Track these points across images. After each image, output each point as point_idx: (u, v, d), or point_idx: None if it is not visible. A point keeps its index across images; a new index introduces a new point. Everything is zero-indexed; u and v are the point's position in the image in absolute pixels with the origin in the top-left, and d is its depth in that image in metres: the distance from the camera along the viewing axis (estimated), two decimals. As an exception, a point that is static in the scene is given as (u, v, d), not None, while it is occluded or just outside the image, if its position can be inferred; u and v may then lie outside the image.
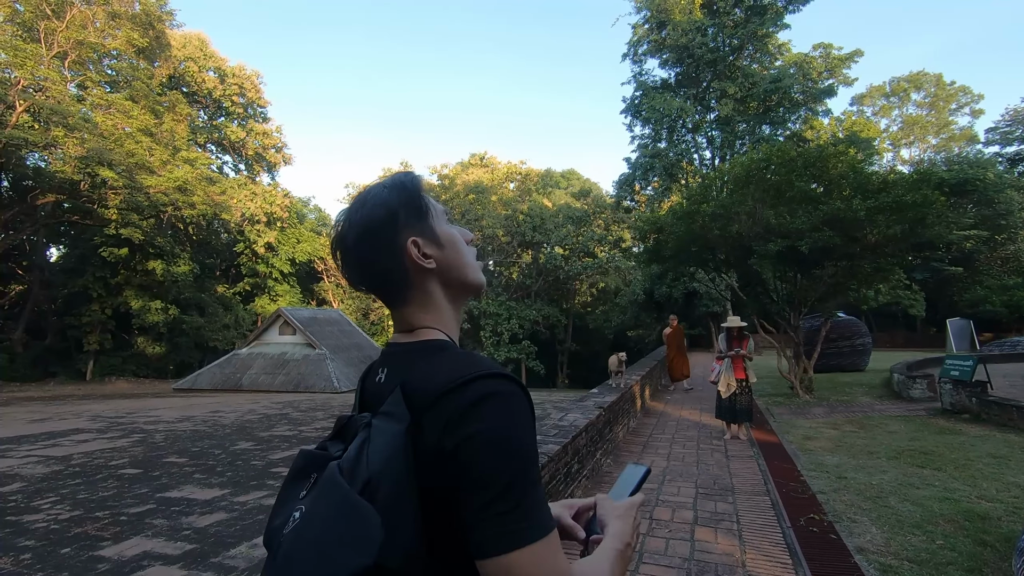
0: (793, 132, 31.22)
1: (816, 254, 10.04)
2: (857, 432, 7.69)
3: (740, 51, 32.23)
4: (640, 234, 13.97)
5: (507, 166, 41.47)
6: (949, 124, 45.08)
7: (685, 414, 9.79)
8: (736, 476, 5.70)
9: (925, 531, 4.06)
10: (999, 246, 29.55)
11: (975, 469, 5.61)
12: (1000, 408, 7.84)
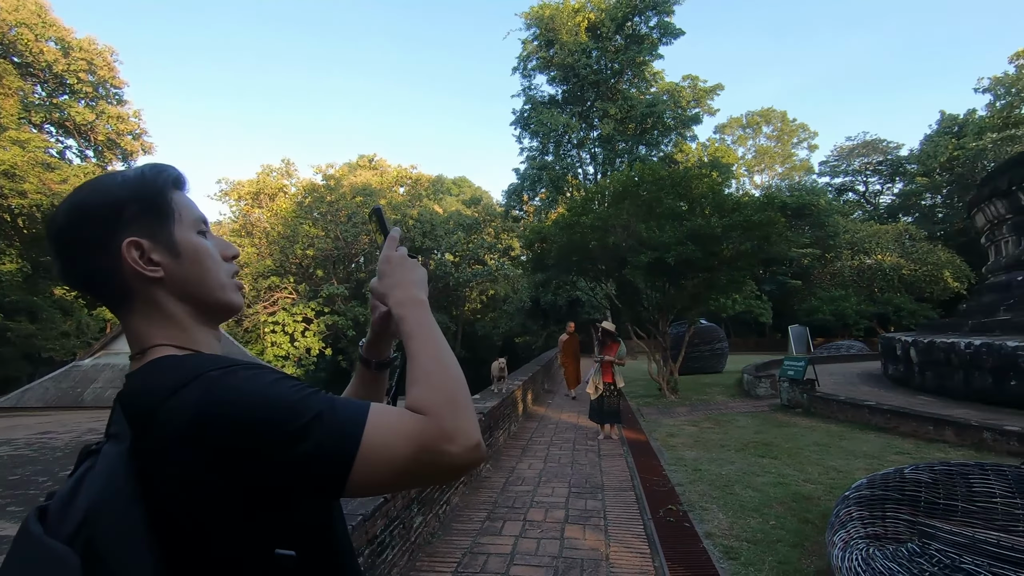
0: (666, 154, 33.97)
1: (681, 266, 10.97)
2: (713, 428, 8.48)
3: (621, 75, 34.50)
4: (527, 243, 14.39)
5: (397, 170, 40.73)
6: (791, 156, 51.71)
7: (565, 417, 10.18)
8: (606, 474, 6.02)
9: (762, 514, 4.57)
10: (828, 263, 34.31)
11: (803, 456, 6.42)
12: (824, 403, 9.08)
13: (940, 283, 30.69)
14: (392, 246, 0.91)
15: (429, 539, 4.10)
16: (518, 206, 36.83)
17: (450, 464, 0.66)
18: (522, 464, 6.54)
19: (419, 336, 0.77)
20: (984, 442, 6.32)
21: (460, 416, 0.68)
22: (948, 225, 36.95)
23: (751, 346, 35.55)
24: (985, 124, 37.28)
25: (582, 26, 33.75)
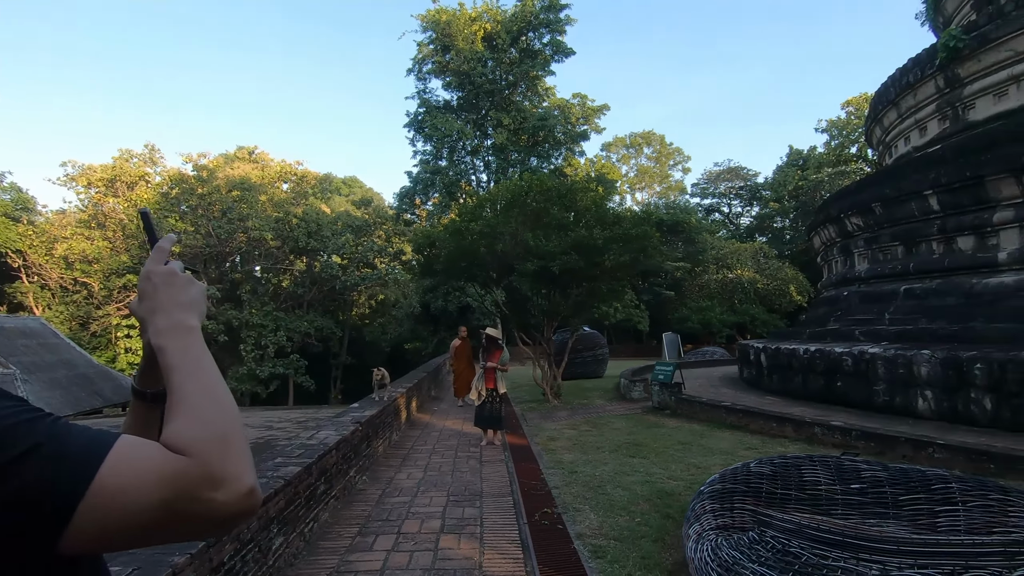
0: (557, 167, 35.24)
1: (566, 275, 11.36)
2: (591, 431, 8.84)
3: (515, 87, 35.31)
4: (417, 247, 14.14)
5: (281, 165, 38.22)
6: (668, 176, 56.09)
7: (450, 424, 10.07)
8: (486, 480, 6.01)
9: (629, 511, 4.80)
10: (697, 276, 37.53)
11: (669, 455, 6.88)
12: (689, 404, 9.84)
13: (787, 296, 34.81)
14: (158, 259, 0.75)
15: (291, 561, 3.80)
16: (410, 210, 36.23)
17: (215, 514, 0.55)
18: (401, 474, 6.34)
19: (183, 368, 0.64)
20: (815, 436, 7.19)
21: (231, 457, 0.57)
22: (794, 245, 42.05)
23: (630, 352, 37.83)
24: (823, 159, 43.09)
25: (478, 35, 34.11)
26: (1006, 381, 6.95)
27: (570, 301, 12.45)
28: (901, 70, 11.83)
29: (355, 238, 34.24)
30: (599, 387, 15.03)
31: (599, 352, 19.13)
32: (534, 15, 33.68)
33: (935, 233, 9.51)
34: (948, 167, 9.09)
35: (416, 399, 11.22)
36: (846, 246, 11.91)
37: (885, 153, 13.49)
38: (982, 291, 8.59)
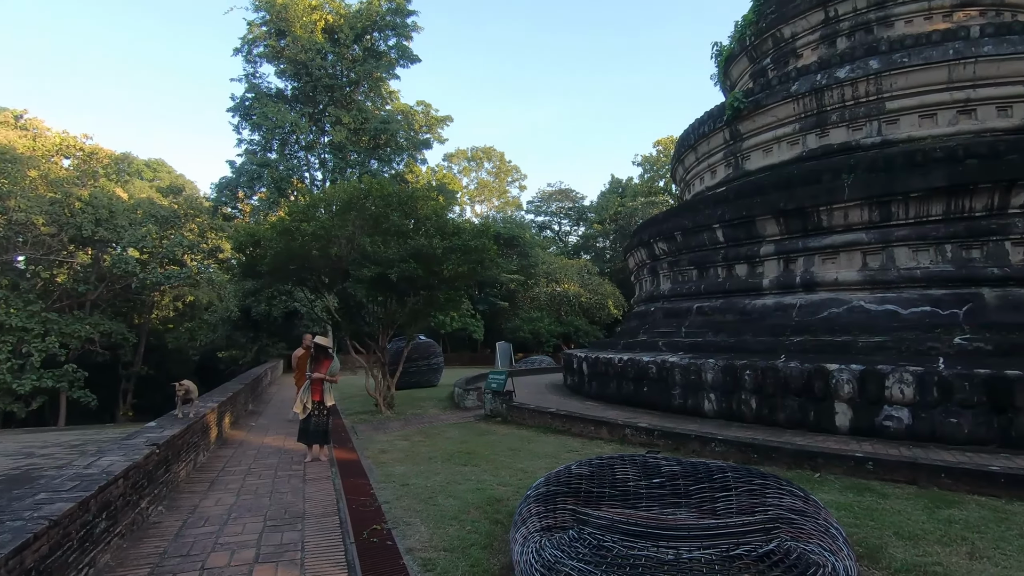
0: (398, 172, 34.69)
1: (404, 283, 11.19)
2: (424, 441, 8.77)
3: (357, 86, 34.06)
4: (239, 245, 12.76)
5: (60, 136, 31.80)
6: (506, 192, 58.63)
7: (269, 441, 9.23)
8: (310, 500, 5.62)
9: (460, 521, 4.84)
10: (529, 288, 39.72)
11: (499, 461, 7.12)
12: (519, 411, 10.32)
13: (606, 309, 38.50)
14: None
15: (55, 618, 3.13)
16: (232, 203, 32.72)
17: None
18: (208, 500, 5.62)
19: None
20: (627, 437, 8.02)
21: None
22: (613, 264, 46.74)
23: (465, 360, 38.48)
24: (638, 190, 48.72)
25: (319, 25, 32.31)
26: (765, 384, 8.49)
27: (407, 309, 12.29)
28: (699, 120, 13.91)
29: (160, 230, 29.80)
30: (433, 396, 15.02)
31: (434, 361, 19.15)
32: (380, 15, 32.94)
33: (720, 260, 11.30)
34: (730, 206, 10.89)
35: (230, 415, 10.09)
36: (654, 268, 13.57)
37: (686, 189, 15.70)
38: (751, 310, 10.41)
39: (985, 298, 8.19)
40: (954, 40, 10.03)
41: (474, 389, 13.02)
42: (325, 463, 7.34)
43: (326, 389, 7.57)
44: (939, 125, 10.24)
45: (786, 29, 13.14)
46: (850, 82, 10.70)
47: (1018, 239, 8.33)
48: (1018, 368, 6.74)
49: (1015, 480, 5.19)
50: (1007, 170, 8.15)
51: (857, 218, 9.30)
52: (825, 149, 11.21)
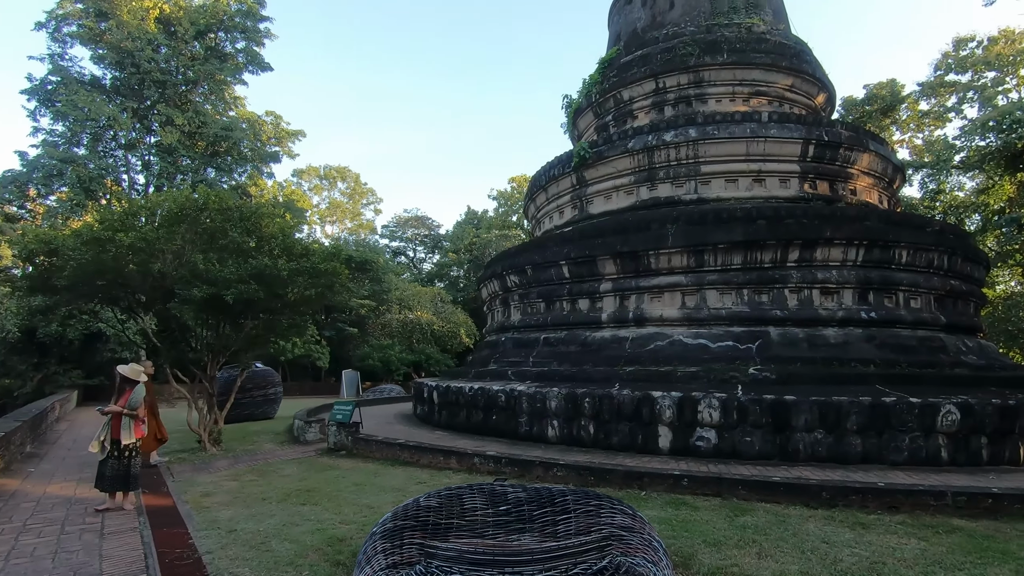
0: (239, 184, 31.91)
1: (241, 305, 10.24)
2: (256, 480, 7.99)
3: (195, 85, 30.98)
4: (26, 253, 10.64)
5: None
6: (360, 215, 56.92)
7: (55, 489, 7.70)
8: (109, 559, 4.79)
9: (296, 566, 4.49)
10: (381, 315, 38.64)
11: (342, 498, 6.75)
12: (365, 443, 9.91)
13: (458, 338, 38.80)
14: None
15: None
16: (17, 201, 27.33)
17: None
18: (-38, 570, 4.52)
19: None
20: (475, 466, 8.11)
21: None
22: (466, 293, 47.48)
23: (307, 390, 35.92)
24: (492, 222, 50.47)
25: (152, 14, 28.97)
26: (602, 411, 9.22)
27: (243, 334, 11.23)
28: (550, 164, 14.98)
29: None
30: (269, 430, 13.79)
31: (271, 391, 17.63)
32: (227, 15, 30.54)
33: (566, 295, 12.13)
34: (575, 246, 11.82)
35: (1, 460, 8.25)
36: (506, 299, 14.10)
37: (537, 226, 16.68)
38: (592, 342, 11.29)
39: (771, 335, 9.86)
40: (751, 121, 12.16)
41: (317, 421, 12.23)
42: (131, 512, 6.33)
43: (126, 425, 6.57)
44: (740, 189, 12.26)
45: (625, 92, 14.83)
46: (674, 145, 12.38)
47: (794, 287, 10.20)
48: (793, 394, 8.19)
49: (791, 488, 6.25)
50: (785, 231, 10.02)
51: (678, 263, 10.67)
52: (655, 201, 12.75)
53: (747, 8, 14.44)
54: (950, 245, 10.82)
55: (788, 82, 14.00)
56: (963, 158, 30.33)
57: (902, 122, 34.82)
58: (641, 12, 15.76)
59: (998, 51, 30.34)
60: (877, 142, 13.13)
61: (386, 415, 15.67)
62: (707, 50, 13.66)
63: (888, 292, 10.31)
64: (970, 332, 11.36)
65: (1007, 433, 7.95)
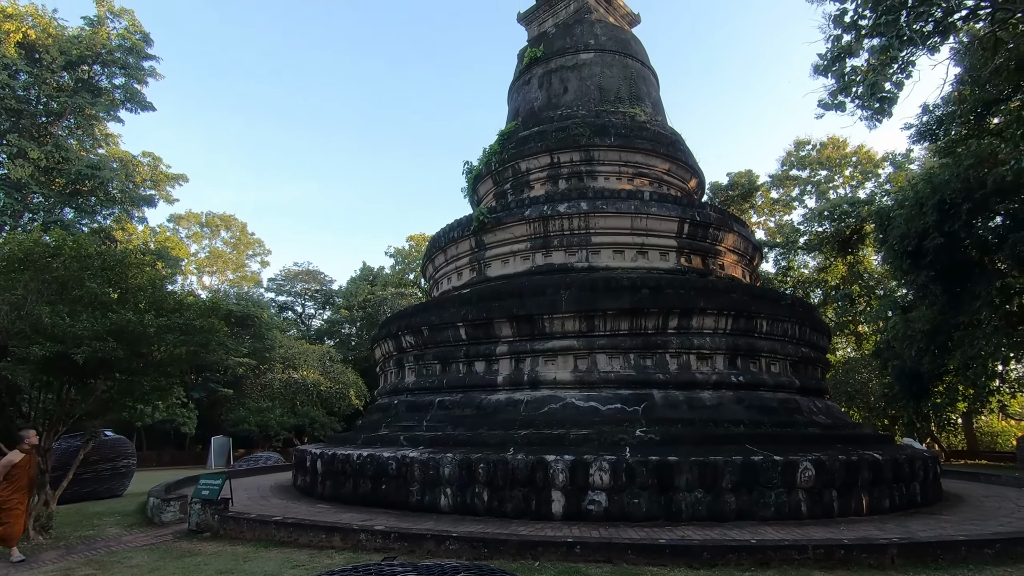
0: (102, 228, 28.83)
1: (94, 365, 9.00)
2: (94, 575, 6.79)
3: (59, 118, 28.14)
4: None
5: None
6: (244, 266, 53.40)
7: None
8: None
9: None
10: (262, 374, 35.75)
11: (203, 590, 5.91)
12: (235, 523, 8.86)
13: (347, 399, 36.75)
14: None
15: None
16: None
17: None
18: None
19: None
20: (361, 543, 7.53)
21: None
22: (358, 351, 45.53)
23: (168, 460, 31.81)
24: (388, 280, 49.64)
25: (14, 36, 26.26)
26: (496, 477, 9.08)
27: (93, 398, 9.82)
28: (450, 226, 15.23)
29: None
30: (117, 510, 11.90)
31: (122, 464, 15.36)
32: (106, 49, 28.49)
33: (462, 357, 12.07)
34: (473, 308, 11.93)
35: None
36: (400, 360, 13.73)
37: (434, 286, 16.66)
38: (487, 405, 11.23)
39: (655, 398, 10.44)
40: (635, 199, 13.33)
41: (177, 498, 10.77)
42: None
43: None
44: (626, 260, 13.21)
45: (523, 164, 15.69)
46: (568, 216, 13.17)
47: (674, 352, 10.99)
48: (676, 455, 8.65)
49: (675, 550, 6.48)
50: (666, 301, 10.88)
51: (571, 327, 11.11)
52: (549, 267, 13.33)
53: (630, 100, 16.14)
54: (800, 317, 12.35)
55: (666, 167, 15.63)
56: (806, 240, 35.26)
57: (758, 207, 39.99)
58: (539, 93, 17.01)
59: (828, 154, 36.30)
60: (740, 224, 14.91)
61: (261, 487, 14.21)
62: (597, 132, 14.95)
63: (753, 358, 11.44)
64: (819, 394, 12.83)
65: (852, 486, 8.93)
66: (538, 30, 19.53)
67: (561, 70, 16.84)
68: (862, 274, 34.23)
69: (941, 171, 18.67)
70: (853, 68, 14.61)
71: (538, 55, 17.34)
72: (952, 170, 17.79)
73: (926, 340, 20.77)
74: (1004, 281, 18.42)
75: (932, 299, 20.26)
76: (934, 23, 12.70)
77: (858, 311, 34.51)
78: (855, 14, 13.94)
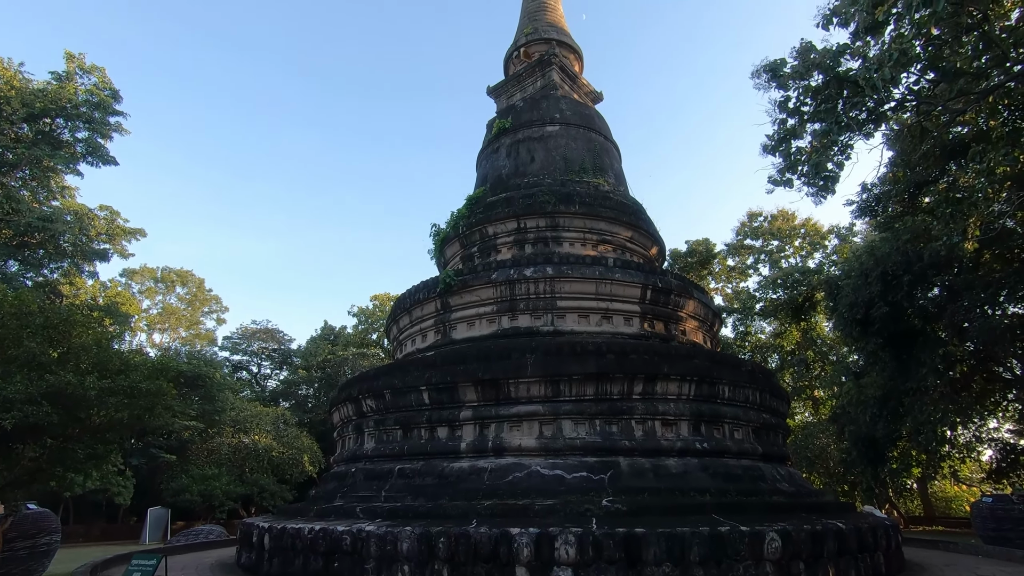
0: (48, 281, 27.57)
1: (23, 431, 8.35)
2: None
3: (13, 169, 27.40)
4: None
5: None
6: (199, 323, 51.51)
7: None
8: None
9: None
10: (209, 438, 33.71)
11: None
12: (169, 608, 8.05)
13: (300, 466, 34.83)
14: None
15: None
16: None
17: None
18: None
19: None
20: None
21: None
22: (314, 414, 43.69)
23: (97, 534, 29.10)
24: (350, 340, 48.57)
25: (-25, 89, 25.87)
26: (458, 552, 8.60)
27: (17, 468, 9.03)
28: (416, 288, 15.17)
29: None
30: (30, 596, 10.67)
31: (43, 541, 13.85)
32: (72, 103, 28.28)
33: (424, 422, 11.71)
34: (437, 371, 11.71)
35: None
36: (359, 425, 13.21)
37: (398, 348, 16.35)
38: (449, 474, 10.81)
39: (621, 465, 10.28)
40: (599, 265, 13.65)
41: (103, 581, 9.78)
42: None
43: None
44: (591, 324, 13.35)
45: (490, 228, 15.97)
46: (534, 280, 13.33)
47: (639, 418, 10.95)
48: (643, 526, 8.42)
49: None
50: (631, 366, 10.94)
51: (537, 392, 10.99)
52: (515, 330, 13.32)
53: (594, 170, 16.86)
54: (760, 383, 12.57)
55: (628, 234, 16.17)
56: (762, 307, 36.55)
57: (716, 273, 41.51)
58: (507, 161, 17.60)
59: (779, 225, 38.38)
60: (699, 291, 15.37)
61: (201, 566, 13.06)
62: (562, 200, 15.45)
63: (717, 424, 11.49)
64: (781, 461, 12.90)
65: (818, 557, 8.83)
66: (507, 103, 20.47)
67: (528, 141, 17.55)
68: (815, 340, 35.49)
69: (882, 244, 19.93)
70: (798, 149, 15.78)
71: (507, 126, 18.07)
72: (892, 244, 19.02)
73: (879, 406, 21.38)
74: (946, 349, 19.36)
75: (882, 366, 21.06)
76: (867, 112, 13.94)
77: (813, 375, 35.49)
78: (797, 101, 15.23)
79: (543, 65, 19.58)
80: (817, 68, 14.20)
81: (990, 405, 21.56)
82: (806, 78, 14.62)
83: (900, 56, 11.60)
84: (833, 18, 13.30)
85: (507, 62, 21.55)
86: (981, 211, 15.50)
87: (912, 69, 13.45)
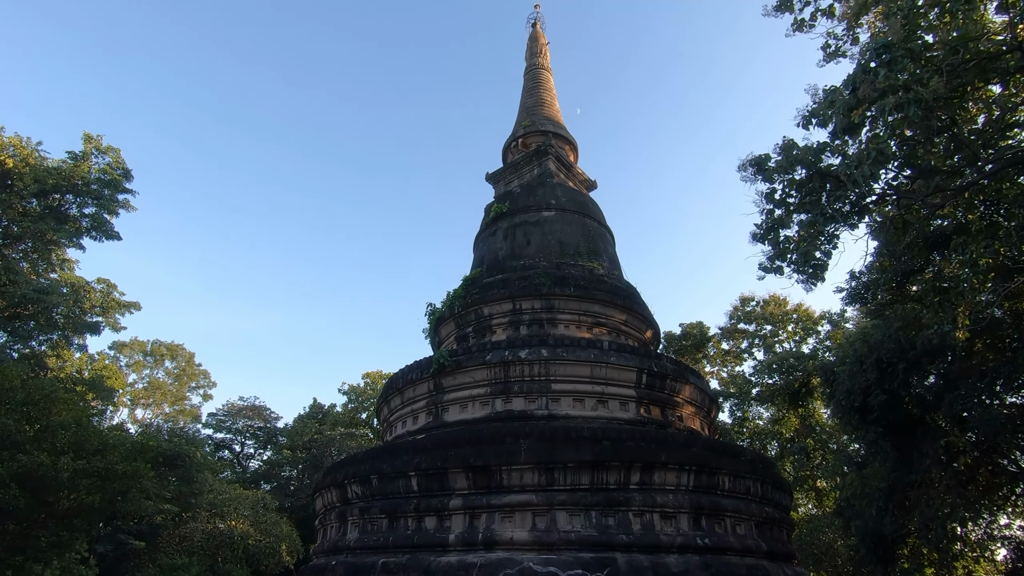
0: (35, 353, 27.14)
1: (-14, 516, 7.87)
2: None
3: (16, 241, 27.77)
4: None
5: None
6: (185, 399, 50.16)
7: None
8: None
9: None
10: (183, 523, 31.76)
11: None
12: None
13: (277, 556, 32.61)
14: None
15: None
16: None
17: None
18: None
19: None
20: None
21: None
22: (296, 498, 41.55)
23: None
24: (339, 418, 47.26)
25: (-10, 165, 26.74)
26: (443, 661, 7.90)
27: (-26, 557, 8.42)
28: (409, 367, 14.99)
29: None
30: None
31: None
32: (84, 181, 29.18)
33: (412, 511, 11.16)
34: (427, 456, 11.32)
35: None
36: (343, 512, 12.56)
37: (388, 430, 15.89)
38: (436, 569, 10.15)
39: (619, 562, 9.70)
40: (594, 348, 13.60)
41: None
42: None
43: None
44: (586, 408, 13.10)
45: (486, 309, 16.05)
46: (528, 362, 13.22)
47: (637, 510, 10.48)
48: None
49: None
50: (628, 454, 10.63)
51: (530, 480, 10.58)
52: (508, 413, 13.03)
53: (589, 254, 17.24)
54: (761, 473, 12.16)
55: (623, 317, 16.26)
56: (758, 392, 36.11)
57: (710, 357, 41.34)
58: (503, 244, 18.02)
59: (771, 310, 38.75)
60: (695, 376, 15.24)
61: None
62: (557, 283, 15.66)
63: (717, 518, 10.99)
64: (787, 559, 12.21)
65: (834, 673, 8.12)
66: (504, 188, 21.28)
67: (525, 225, 18.06)
68: (815, 427, 34.73)
69: (875, 331, 20.05)
70: (786, 237, 16.25)
71: (504, 210, 18.67)
72: (884, 331, 19.13)
73: (884, 499, 20.57)
74: (948, 440, 18.95)
75: (884, 456, 20.49)
76: (850, 204, 14.52)
77: (815, 464, 34.40)
78: (783, 193, 15.89)
79: (540, 155, 20.55)
80: (800, 163, 14.94)
81: (999, 500, 20.79)
82: (790, 172, 15.33)
83: (878, 155, 12.25)
84: (812, 119, 14.18)
85: (505, 151, 22.64)
86: (968, 300, 15.76)
87: (890, 166, 14.17)
